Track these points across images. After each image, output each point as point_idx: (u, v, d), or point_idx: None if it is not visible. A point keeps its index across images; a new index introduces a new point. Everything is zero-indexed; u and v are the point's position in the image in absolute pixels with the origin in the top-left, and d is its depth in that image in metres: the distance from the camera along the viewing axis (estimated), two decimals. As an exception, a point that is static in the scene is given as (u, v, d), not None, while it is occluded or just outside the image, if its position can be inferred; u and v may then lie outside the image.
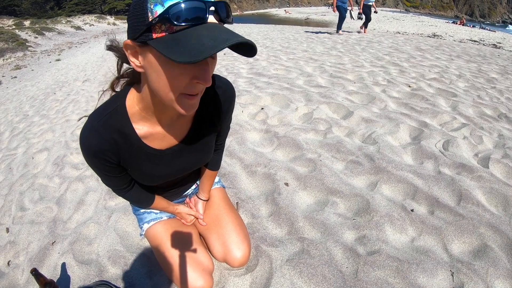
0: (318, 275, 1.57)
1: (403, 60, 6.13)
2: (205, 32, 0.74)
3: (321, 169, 2.42)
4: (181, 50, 0.71)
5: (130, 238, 1.95)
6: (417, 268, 1.59)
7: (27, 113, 5.88)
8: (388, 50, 7.30)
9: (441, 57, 6.66)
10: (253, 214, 2.01)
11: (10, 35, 20.33)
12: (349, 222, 1.91)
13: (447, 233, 1.80)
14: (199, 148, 1.33)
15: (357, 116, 3.31)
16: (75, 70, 9.82)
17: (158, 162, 1.22)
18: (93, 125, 1.04)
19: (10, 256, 2.08)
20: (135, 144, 1.11)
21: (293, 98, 3.95)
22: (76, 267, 1.81)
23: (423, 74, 5.06)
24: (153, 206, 1.56)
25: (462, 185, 2.16)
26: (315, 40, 9.31)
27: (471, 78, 4.92)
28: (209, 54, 0.68)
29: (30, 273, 1.66)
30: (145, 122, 1.09)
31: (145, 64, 0.85)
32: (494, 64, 6.11)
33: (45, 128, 4.56)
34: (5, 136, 4.84)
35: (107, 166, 1.13)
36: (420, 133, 2.91)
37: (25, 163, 3.50)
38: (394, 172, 2.32)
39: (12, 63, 15.61)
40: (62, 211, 2.39)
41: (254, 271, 1.63)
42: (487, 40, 11.84)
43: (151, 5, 0.74)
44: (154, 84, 0.87)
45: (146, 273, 1.69)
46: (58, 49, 18.43)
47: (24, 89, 8.70)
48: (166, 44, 0.74)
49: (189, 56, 0.69)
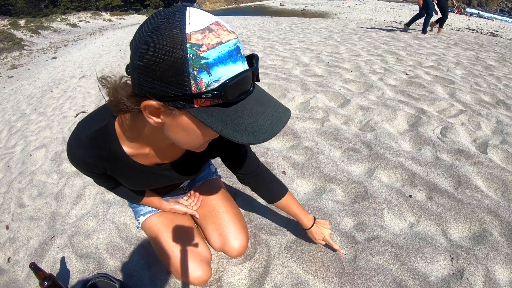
0: (317, 262, 1.57)
1: (400, 49, 6.10)
2: (256, 107, 0.71)
3: (319, 157, 2.41)
4: (237, 129, 0.68)
5: (128, 230, 1.95)
6: (416, 253, 1.59)
7: (24, 111, 5.86)
8: (385, 39, 7.26)
9: (438, 45, 6.62)
10: (251, 203, 2.01)
11: (5, 35, 20.27)
12: (347, 209, 1.90)
13: (446, 219, 1.80)
14: (189, 168, 1.30)
15: (354, 104, 3.30)
16: (71, 67, 9.78)
17: (146, 174, 1.19)
18: (80, 138, 1.00)
19: (10, 253, 2.08)
20: (123, 159, 1.07)
21: (290, 88, 3.93)
22: (75, 260, 1.80)
23: (420, 62, 5.04)
24: (145, 203, 1.56)
25: (460, 170, 2.15)
26: (311, 31, 9.26)
27: (468, 66, 4.90)
28: (269, 138, 0.70)
29: (29, 268, 1.66)
30: (134, 143, 1.03)
31: (170, 123, 0.74)
32: (492, 52, 6.08)
33: (43, 126, 4.55)
34: (2, 135, 4.82)
35: (93, 173, 1.12)
36: (417, 120, 2.90)
37: (23, 160, 3.49)
38: (391, 159, 2.31)
39: (8, 62, 15.56)
40: (61, 206, 2.38)
41: (252, 260, 1.63)
42: (485, 29, 11.77)
43: (194, 70, 0.61)
44: (179, 139, 0.80)
45: (144, 265, 1.69)
46: (54, 47, 18.37)
47: (21, 88, 8.66)
48: (217, 118, 0.67)
49: (252, 138, 0.68)
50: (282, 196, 1.46)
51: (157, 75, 0.63)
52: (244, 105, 0.69)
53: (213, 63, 0.61)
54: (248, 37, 8.74)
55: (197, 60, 0.60)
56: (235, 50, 0.65)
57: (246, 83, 0.68)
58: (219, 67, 0.62)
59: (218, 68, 0.62)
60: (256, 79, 0.72)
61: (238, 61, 0.66)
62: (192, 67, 0.60)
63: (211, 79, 0.62)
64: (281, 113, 0.74)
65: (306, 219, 1.51)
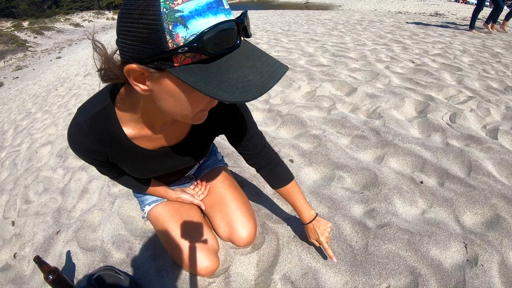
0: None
1: (405, 38, 6.02)
2: (244, 61, 0.64)
3: (326, 144, 2.37)
4: (222, 86, 0.61)
5: (134, 222, 1.92)
6: (429, 240, 1.54)
7: (30, 110, 5.87)
8: (390, 29, 7.18)
9: (444, 33, 6.53)
10: (258, 192, 1.97)
11: (9, 37, 20.34)
12: (357, 196, 1.86)
13: (458, 205, 1.75)
14: (194, 150, 1.26)
15: (361, 92, 3.26)
16: (76, 65, 9.78)
17: (149, 160, 1.16)
18: (80, 123, 0.97)
19: (16, 249, 2.06)
20: (125, 144, 1.04)
21: (295, 78, 3.89)
22: (81, 254, 1.78)
23: (427, 50, 4.96)
24: (150, 192, 1.53)
25: (471, 156, 2.11)
26: (315, 22, 9.19)
27: (475, 53, 4.81)
28: (258, 94, 0.61)
29: (34, 263, 1.64)
30: (135, 124, 1.00)
31: (156, 89, 0.71)
32: (498, 39, 5.98)
33: (48, 123, 4.54)
34: (9, 134, 4.83)
35: (95, 160, 1.08)
36: (426, 106, 2.85)
37: (29, 157, 3.48)
38: (401, 145, 2.27)
39: (13, 64, 15.61)
40: (67, 200, 2.36)
41: (260, 249, 1.59)
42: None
43: (168, 25, 0.58)
44: (168, 107, 0.75)
45: (150, 256, 1.66)
46: (58, 47, 18.40)
47: (26, 88, 8.69)
48: (199, 76, 0.62)
49: (237, 95, 0.60)
50: (286, 182, 1.42)
51: (136, 37, 0.62)
52: (229, 59, 0.63)
53: (189, 16, 0.58)
54: (252, 30, 8.68)
55: (171, 13, 0.57)
56: (215, 2, 0.61)
57: (230, 36, 0.62)
58: (196, 20, 0.59)
59: (196, 20, 0.59)
60: (245, 34, 0.67)
61: (220, 13, 0.62)
62: (166, 22, 0.57)
63: (188, 33, 0.58)
64: (274, 68, 0.66)
65: (306, 213, 1.44)
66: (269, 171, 1.41)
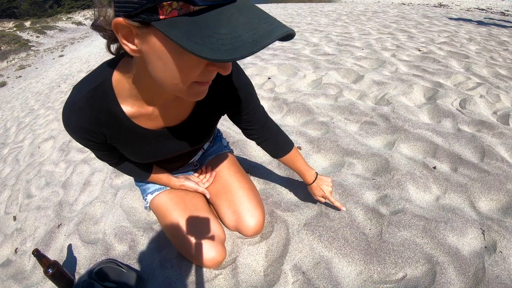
0: (340, 239, 1.47)
1: (410, 27, 5.98)
2: (237, 16, 0.55)
3: (335, 131, 2.31)
4: (206, 41, 0.52)
5: (137, 213, 1.87)
6: (445, 226, 1.48)
7: (32, 107, 5.88)
8: (395, 19, 7.12)
9: (449, 23, 6.47)
10: (266, 180, 1.92)
11: (12, 37, 20.42)
12: (368, 183, 1.80)
13: (473, 190, 1.70)
14: (197, 131, 1.19)
15: (368, 80, 3.20)
16: (78, 63, 9.79)
17: (150, 141, 1.08)
18: (75, 101, 0.89)
19: (17, 244, 2.02)
20: (123, 123, 0.96)
21: (300, 67, 3.85)
22: (83, 247, 1.73)
23: (433, 39, 4.92)
24: (153, 180, 1.47)
25: (484, 141, 2.05)
26: (318, 14, 9.12)
27: (482, 41, 4.77)
28: (250, 52, 0.51)
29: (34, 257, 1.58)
30: (134, 100, 0.92)
31: (145, 49, 0.65)
32: (504, 28, 5.91)
33: (51, 119, 4.52)
34: (11, 131, 4.84)
35: (92, 143, 0.99)
36: (435, 93, 2.79)
37: (31, 153, 3.47)
38: (411, 131, 2.21)
39: (16, 63, 15.69)
40: (68, 194, 2.32)
41: (269, 238, 1.52)
42: (494, 8, 11.54)
43: None
44: (158, 73, 0.68)
45: (154, 248, 1.60)
46: (60, 45, 18.47)
47: (29, 86, 8.73)
48: (184, 30, 0.54)
49: (223, 53, 0.51)
50: (288, 151, 1.42)
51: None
52: (220, 13, 0.54)
53: None
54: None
55: None
56: None
57: None
58: None
59: None
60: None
61: None
62: None
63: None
64: (272, 26, 0.55)
65: (308, 174, 1.49)
66: (273, 142, 1.39)
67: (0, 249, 2.02)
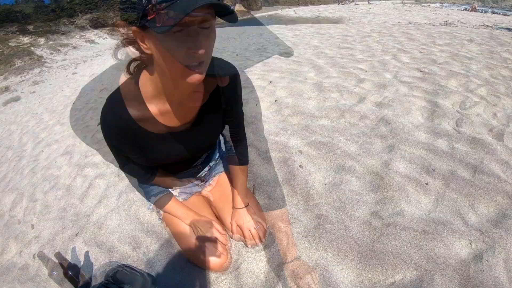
0: (335, 248, 1.59)
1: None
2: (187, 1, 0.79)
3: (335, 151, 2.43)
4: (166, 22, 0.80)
5: (151, 223, 1.99)
6: (434, 237, 1.60)
7: (48, 123, 6.01)
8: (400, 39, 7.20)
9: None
10: (269, 196, 2.02)
11: (26, 53, 20.81)
12: (364, 198, 1.92)
13: (463, 204, 1.82)
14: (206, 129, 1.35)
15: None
16: (92, 81, 9.97)
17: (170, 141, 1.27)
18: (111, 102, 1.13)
19: (35, 249, 2.16)
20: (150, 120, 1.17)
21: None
22: (99, 253, 1.86)
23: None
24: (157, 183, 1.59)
25: (477, 158, 2.17)
26: (325, 36, 9.24)
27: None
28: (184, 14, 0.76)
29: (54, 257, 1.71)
30: (158, 100, 1.14)
31: (150, 46, 0.93)
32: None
33: (66, 135, 4.66)
34: (28, 146, 4.96)
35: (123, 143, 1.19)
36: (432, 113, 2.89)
37: (47, 166, 3.59)
38: (407, 150, 2.33)
39: (30, 79, 15.92)
40: (84, 205, 2.45)
41: (271, 247, 1.65)
42: (500, 25, 11.59)
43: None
44: (159, 62, 0.94)
45: (165, 254, 1.72)
46: (74, 63, 18.71)
47: (43, 102, 8.88)
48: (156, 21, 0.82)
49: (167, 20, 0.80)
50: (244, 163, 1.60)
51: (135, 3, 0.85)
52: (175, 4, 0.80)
53: None
54: (264, 45, 8.77)
55: None
56: None
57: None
58: None
59: None
60: None
61: None
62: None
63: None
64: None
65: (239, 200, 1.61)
66: (244, 146, 1.58)
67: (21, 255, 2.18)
